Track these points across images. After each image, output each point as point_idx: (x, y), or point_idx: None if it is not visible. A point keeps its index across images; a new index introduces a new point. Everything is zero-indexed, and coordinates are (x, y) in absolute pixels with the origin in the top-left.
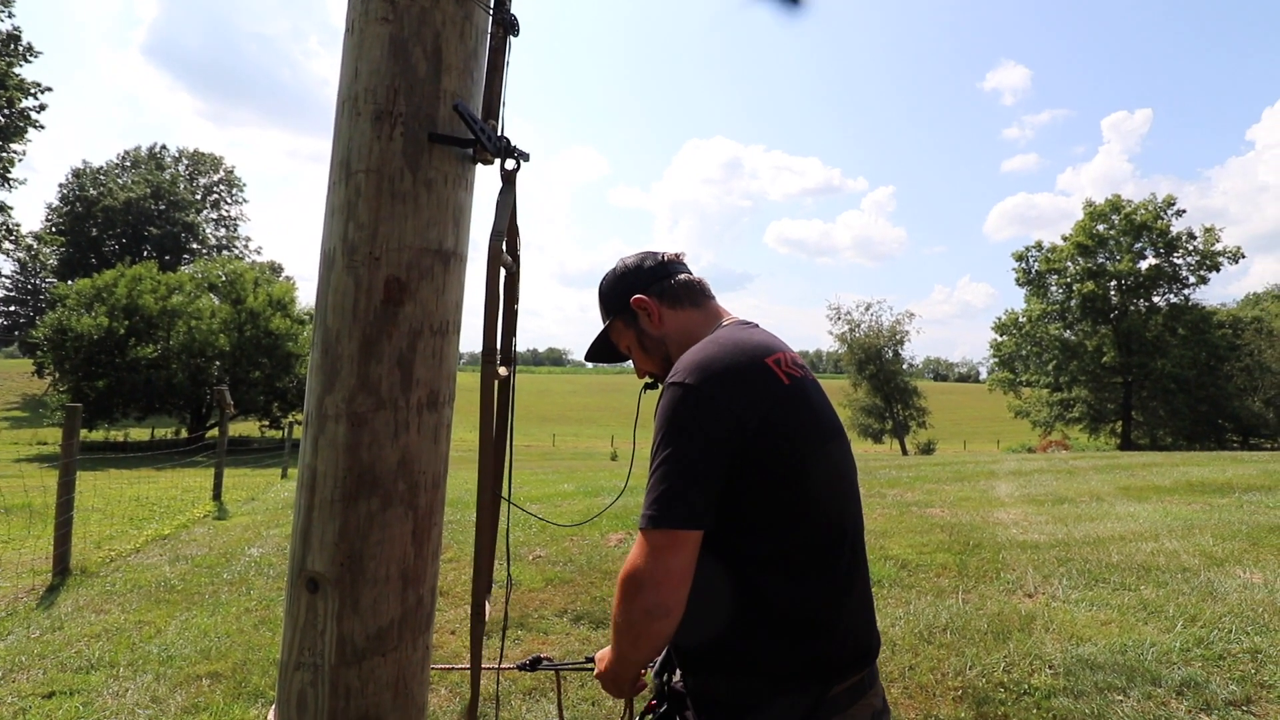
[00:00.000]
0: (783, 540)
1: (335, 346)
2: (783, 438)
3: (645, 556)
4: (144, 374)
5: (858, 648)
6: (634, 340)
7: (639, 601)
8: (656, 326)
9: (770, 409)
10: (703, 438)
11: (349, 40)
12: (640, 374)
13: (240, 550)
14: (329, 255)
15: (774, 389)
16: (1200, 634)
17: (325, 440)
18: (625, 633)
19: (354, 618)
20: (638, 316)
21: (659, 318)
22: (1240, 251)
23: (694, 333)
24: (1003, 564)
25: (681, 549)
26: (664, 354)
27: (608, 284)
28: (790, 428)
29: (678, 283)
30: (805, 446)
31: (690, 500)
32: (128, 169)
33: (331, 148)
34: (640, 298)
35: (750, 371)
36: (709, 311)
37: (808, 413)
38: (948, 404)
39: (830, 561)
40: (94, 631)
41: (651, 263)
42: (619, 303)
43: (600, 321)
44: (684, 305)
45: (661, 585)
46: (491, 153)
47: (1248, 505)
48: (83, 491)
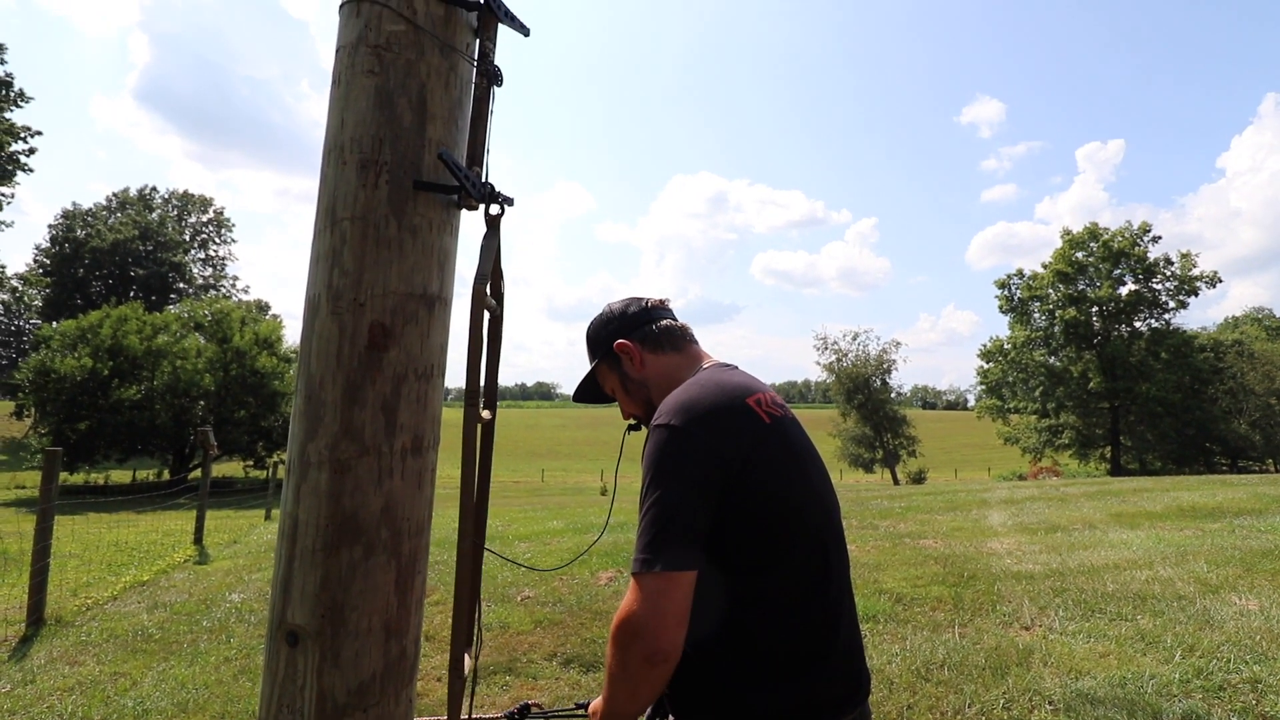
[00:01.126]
0: (769, 577)
1: (319, 393)
2: (766, 475)
3: (640, 601)
4: (127, 415)
5: (849, 684)
6: (617, 383)
7: (636, 648)
8: (638, 370)
9: (753, 448)
10: (689, 479)
11: (336, 92)
12: (625, 415)
13: (221, 596)
14: (314, 301)
15: (756, 428)
16: (1199, 664)
17: (307, 488)
18: (622, 682)
19: (335, 672)
20: (621, 360)
21: (640, 361)
22: (1217, 276)
23: (675, 376)
24: (998, 595)
25: (676, 591)
26: (646, 396)
27: (594, 329)
28: (773, 465)
29: (660, 328)
30: (788, 483)
31: (682, 542)
32: (115, 210)
33: (318, 195)
34: (623, 342)
35: (732, 411)
36: (690, 355)
37: (789, 450)
38: (937, 432)
39: (817, 597)
40: (67, 685)
41: (635, 309)
42: (604, 347)
43: (588, 363)
44: (665, 350)
45: (659, 631)
46: (476, 199)
47: (1240, 530)
48: (60, 537)
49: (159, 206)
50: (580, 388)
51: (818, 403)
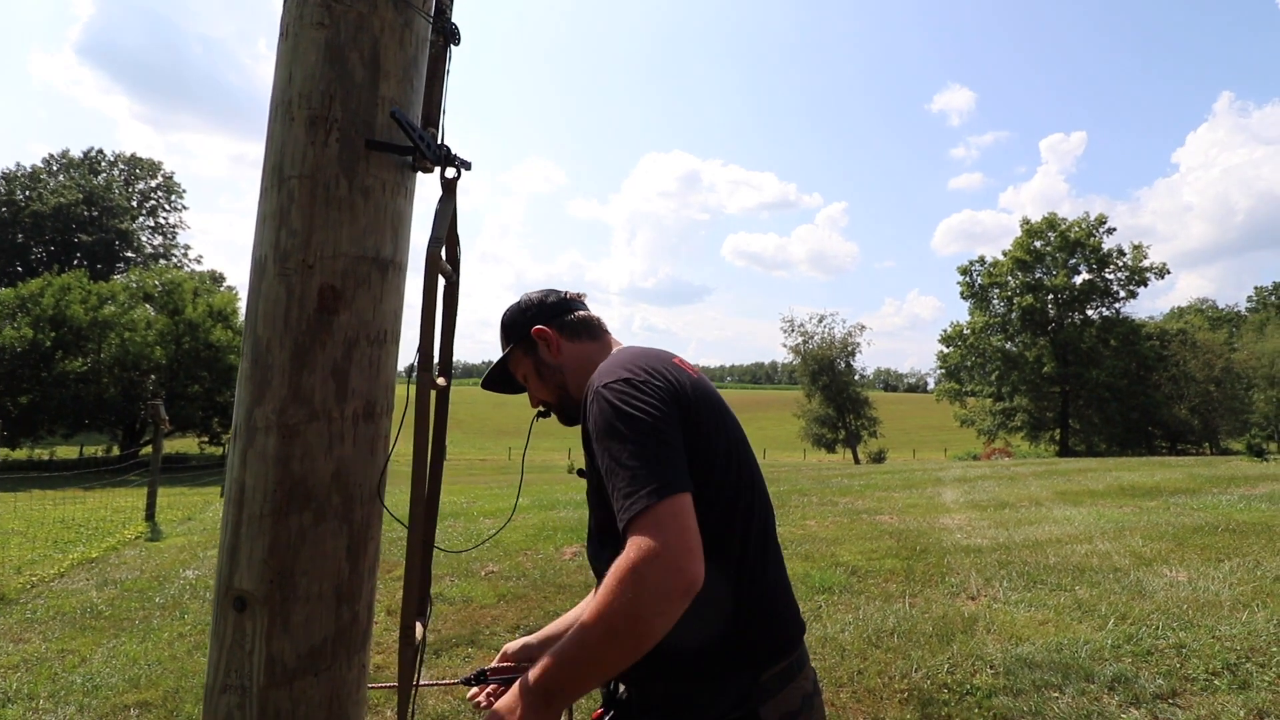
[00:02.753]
0: (718, 524)
1: (266, 356)
2: (704, 418)
3: (660, 532)
4: (72, 389)
5: (783, 631)
6: (531, 369)
7: (667, 583)
8: (555, 356)
9: (689, 390)
10: (655, 411)
11: (284, 45)
12: (534, 403)
13: (174, 572)
14: (260, 262)
15: (684, 378)
16: (1130, 631)
17: (254, 453)
18: (628, 630)
19: (284, 637)
20: (537, 346)
21: (558, 348)
22: (1166, 267)
23: (591, 362)
24: (948, 568)
25: (690, 514)
26: (560, 382)
27: (510, 315)
28: (708, 410)
29: (576, 318)
30: (722, 429)
31: (675, 464)
32: (57, 173)
33: (264, 153)
34: (541, 328)
35: (664, 363)
36: (604, 344)
37: (718, 401)
38: (898, 414)
39: (743, 545)
40: (12, 662)
41: (554, 299)
42: (519, 332)
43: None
44: (582, 338)
45: (691, 558)
46: (431, 161)
47: (1174, 507)
48: (2, 514)
49: (104, 170)
50: (490, 375)
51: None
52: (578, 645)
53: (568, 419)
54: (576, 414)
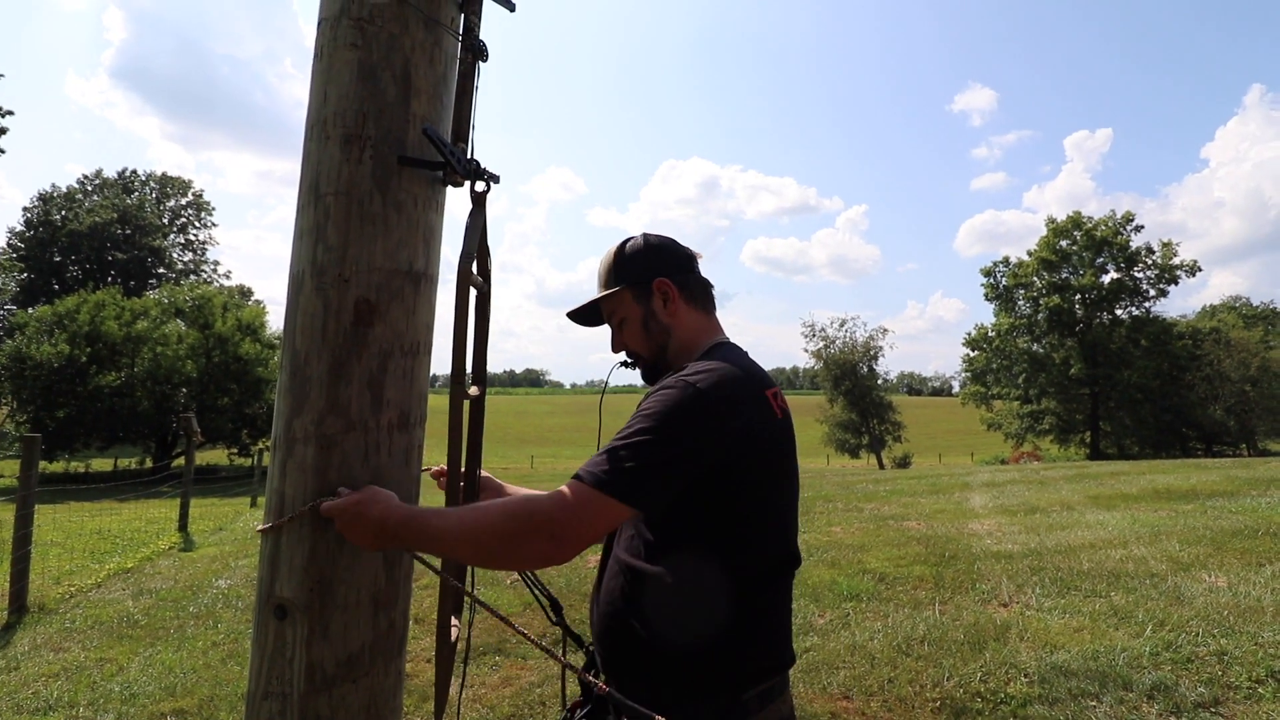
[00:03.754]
0: (731, 559)
1: (304, 369)
2: (763, 464)
3: (573, 510)
4: (107, 402)
5: (772, 655)
6: (638, 317)
7: (538, 546)
8: (669, 315)
9: (759, 435)
10: (689, 440)
11: (318, 65)
12: (618, 347)
13: (207, 582)
14: (298, 277)
15: (768, 419)
16: (1169, 638)
17: (294, 464)
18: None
19: (324, 644)
20: (653, 296)
21: (675, 307)
22: (1197, 265)
23: (697, 337)
24: (978, 574)
25: (608, 519)
26: (663, 343)
27: (632, 252)
28: (772, 456)
29: (699, 282)
30: (779, 476)
31: (646, 481)
32: (91, 193)
33: (300, 171)
34: (666, 281)
35: (753, 398)
36: (713, 321)
37: (787, 446)
38: (922, 418)
39: (774, 584)
40: (52, 671)
41: (683, 251)
42: (639, 274)
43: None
44: (698, 306)
45: (572, 545)
46: (461, 175)
47: (1211, 511)
48: (41, 525)
49: (137, 189)
50: (583, 307)
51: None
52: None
53: (653, 376)
54: (663, 376)
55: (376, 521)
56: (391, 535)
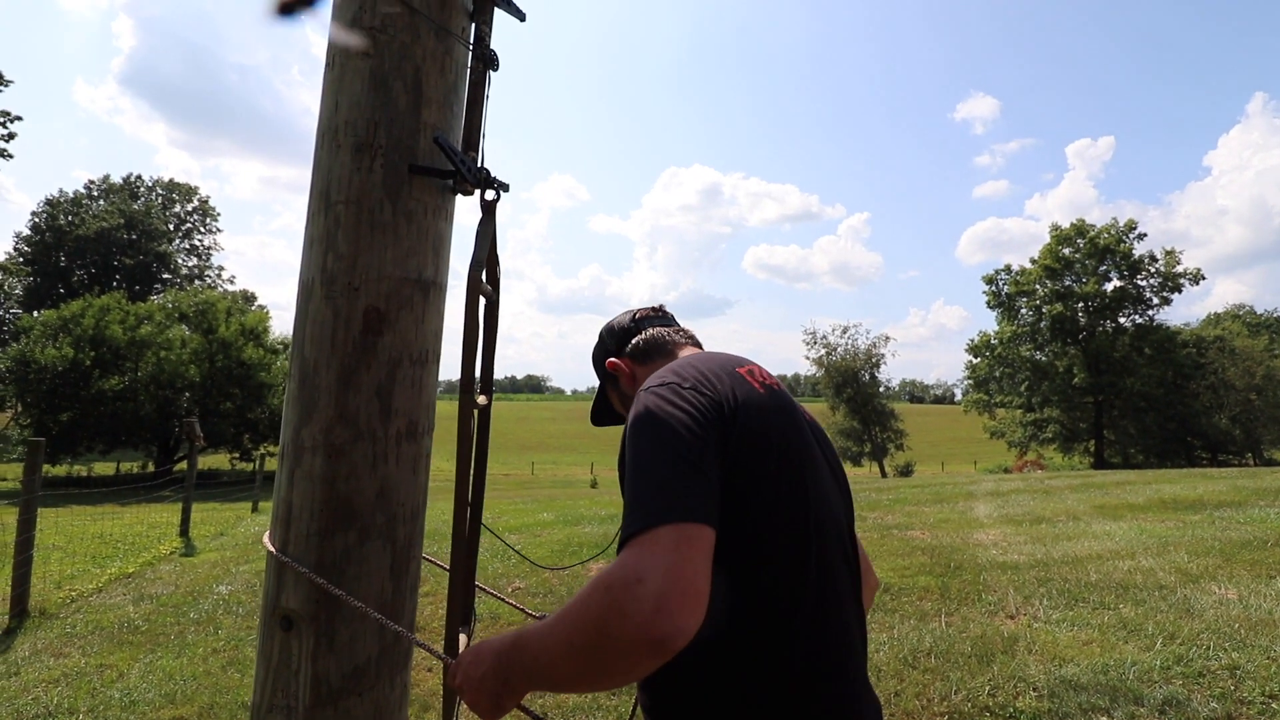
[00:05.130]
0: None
1: (313, 377)
2: (762, 443)
3: (649, 561)
4: (110, 406)
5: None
6: (618, 399)
7: (633, 624)
8: (631, 386)
9: (747, 409)
10: (685, 423)
11: (329, 74)
12: None
13: (208, 588)
14: (307, 285)
15: (749, 391)
16: (1179, 651)
17: (301, 473)
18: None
19: (330, 656)
20: (618, 379)
21: (631, 376)
22: (1200, 273)
23: None
24: (984, 585)
25: (698, 552)
26: None
27: (594, 353)
28: (761, 437)
29: (646, 340)
30: (781, 460)
31: (694, 490)
32: (98, 198)
33: (311, 179)
34: (613, 361)
35: (721, 371)
36: (673, 358)
37: (782, 424)
38: (925, 425)
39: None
40: (53, 676)
41: (623, 323)
42: (599, 369)
43: None
44: (654, 359)
45: (676, 606)
46: (471, 184)
47: (1219, 521)
48: (43, 529)
49: (143, 194)
50: (594, 411)
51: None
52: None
53: None
54: None
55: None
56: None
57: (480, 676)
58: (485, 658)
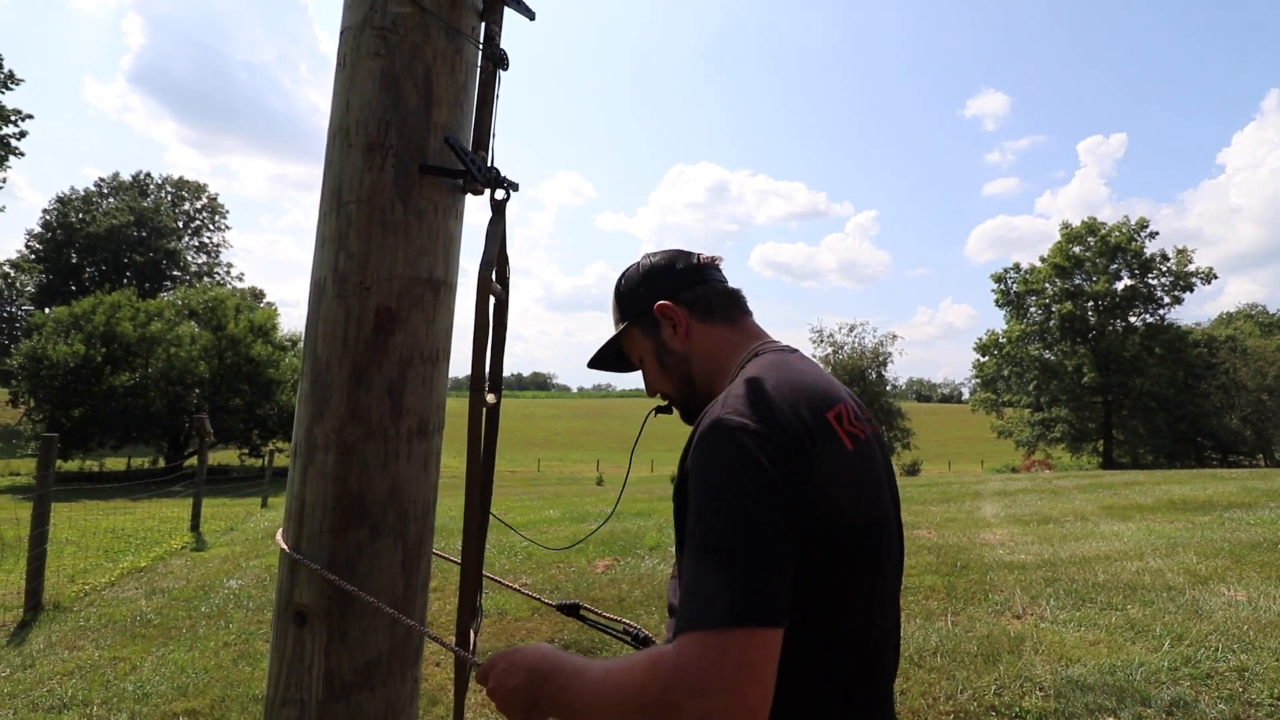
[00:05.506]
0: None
1: (325, 375)
2: (838, 515)
3: (714, 666)
4: (121, 402)
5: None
6: (650, 352)
7: None
8: (681, 341)
9: (831, 478)
10: (773, 497)
11: (341, 74)
12: (651, 391)
13: (219, 582)
14: (319, 284)
15: (837, 454)
16: (1187, 653)
17: (314, 470)
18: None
19: (342, 651)
20: (660, 326)
21: (686, 331)
22: (1212, 272)
23: (725, 354)
24: (991, 585)
25: (768, 660)
26: (686, 373)
27: (629, 284)
28: (848, 501)
29: (712, 291)
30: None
31: (769, 585)
32: (108, 196)
33: (323, 179)
34: (666, 304)
35: (810, 415)
36: (744, 330)
37: (868, 481)
38: (932, 424)
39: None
40: (67, 669)
41: (684, 265)
42: (640, 306)
43: (614, 324)
44: (717, 319)
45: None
46: (481, 183)
47: (1229, 522)
48: (57, 524)
49: (153, 192)
50: (600, 353)
51: None
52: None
53: (689, 415)
54: (700, 410)
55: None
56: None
57: (512, 689)
58: (519, 670)
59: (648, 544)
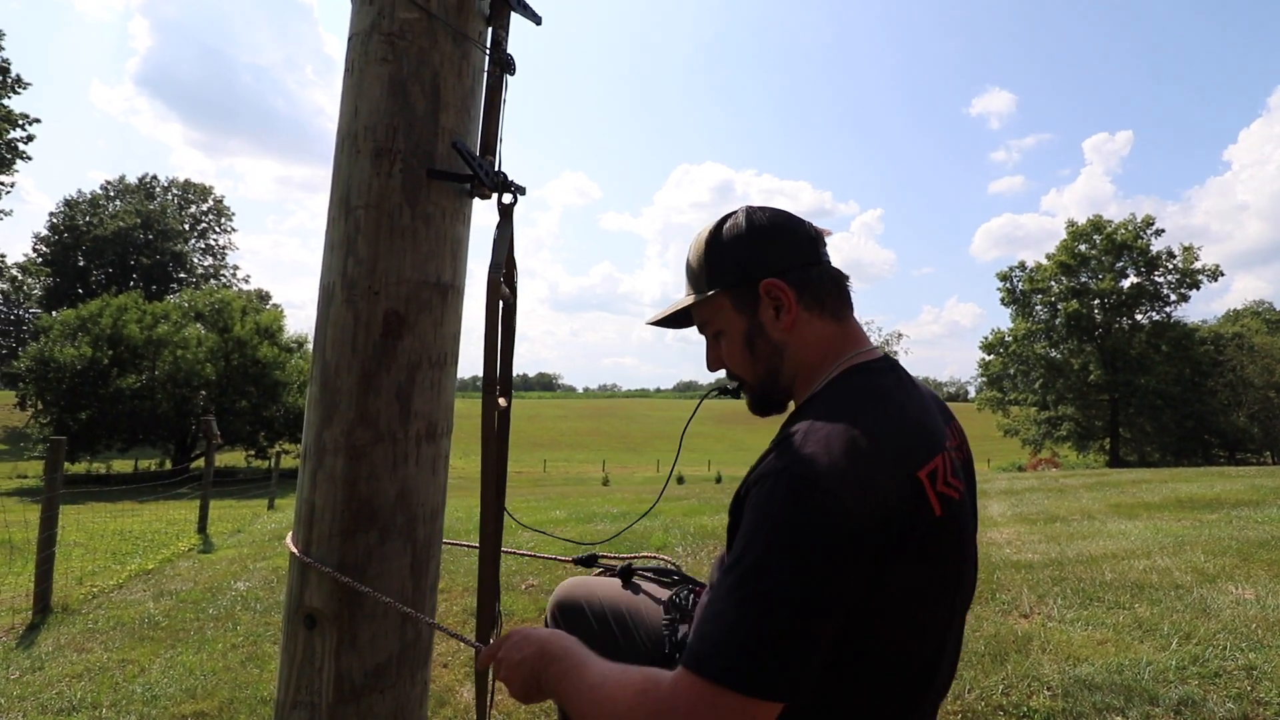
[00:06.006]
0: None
1: (334, 380)
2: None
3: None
4: (128, 404)
5: None
6: (740, 332)
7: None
8: (783, 329)
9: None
10: (825, 573)
11: (349, 79)
12: (716, 368)
13: (226, 584)
14: (328, 289)
15: (921, 521)
16: (1195, 651)
17: (324, 474)
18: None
19: (352, 654)
20: (760, 305)
21: (792, 319)
22: (1219, 269)
23: (823, 355)
24: (998, 584)
25: None
26: (774, 366)
27: (731, 241)
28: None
29: (825, 276)
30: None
31: (786, 659)
32: (114, 198)
33: (331, 184)
34: (777, 283)
35: (902, 497)
36: (848, 330)
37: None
38: None
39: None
40: (76, 671)
41: (804, 234)
42: (741, 273)
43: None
44: (825, 312)
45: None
46: (489, 188)
47: (1236, 521)
48: (64, 526)
49: (159, 195)
50: (670, 315)
51: None
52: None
53: (761, 408)
54: (775, 405)
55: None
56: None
57: (520, 660)
58: (532, 644)
59: (654, 544)
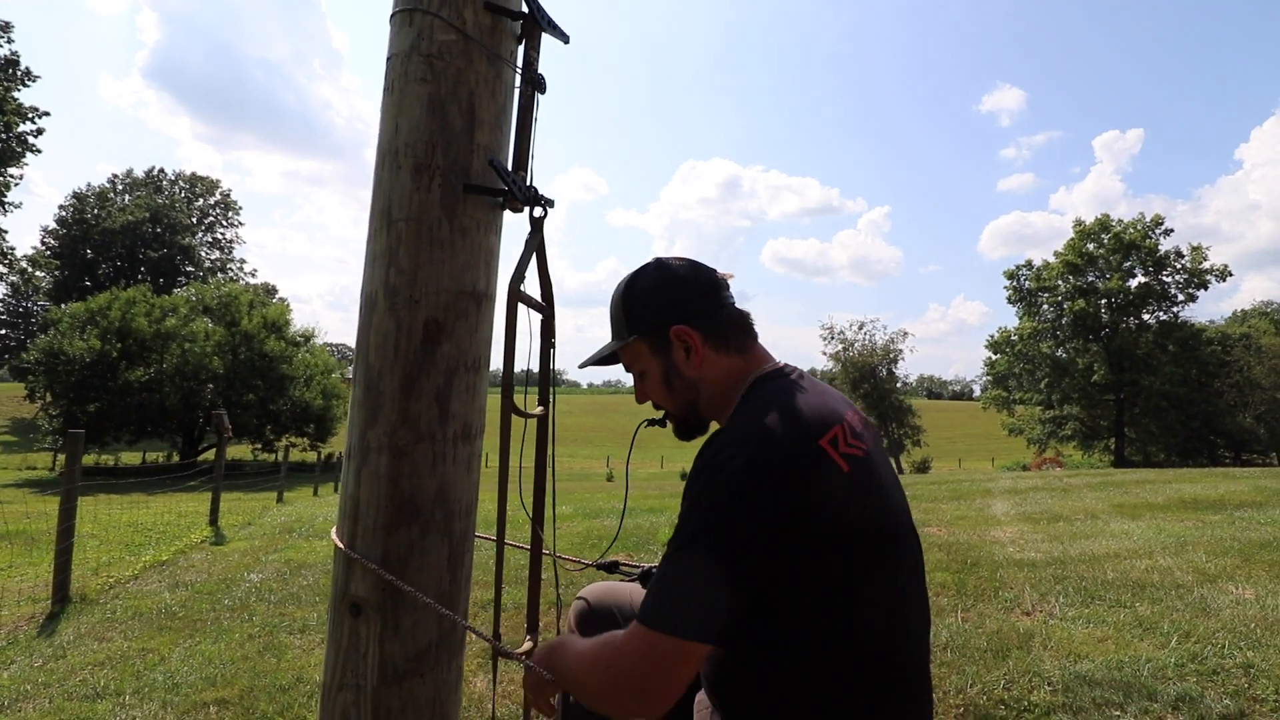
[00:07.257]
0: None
1: (377, 384)
2: (831, 543)
3: (649, 663)
4: (136, 397)
5: None
6: (658, 371)
7: (632, 705)
8: (694, 368)
9: (820, 502)
10: (735, 546)
11: (389, 99)
12: (643, 400)
13: (240, 576)
14: (371, 298)
15: (830, 476)
16: (1194, 649)
17: (368, 471)
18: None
19: (395, 640)
20: (672, 348)
21: (700, 359)
22: (1227, 270)
23: (732, 383)
24: (1000, 582)
25: (686, 662)
26: (691, 399)
27: (641, 294)
28: (855, 522)
29: (729, 318)
30: (860, 547)
31: (708, 607)
32: (122, 192)
33: (372, 197)
34: (685, 330)
35: (803, 458)
36: (750, 359)
37: (874, 501)
38: (942, 422)
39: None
40: (98, 659)
41: (705, 282)
42: (652, 322)
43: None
44: (729, 349)
45: (663, 699)
46: (521, 201)
47: (1239, 521)
48: (79, 517)
49: (166, 188)
50: (595, 358)
51: None
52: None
53: (685, 434)
54: (696, 431)
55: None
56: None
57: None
58: (544, 648)
59: (661, 539)
